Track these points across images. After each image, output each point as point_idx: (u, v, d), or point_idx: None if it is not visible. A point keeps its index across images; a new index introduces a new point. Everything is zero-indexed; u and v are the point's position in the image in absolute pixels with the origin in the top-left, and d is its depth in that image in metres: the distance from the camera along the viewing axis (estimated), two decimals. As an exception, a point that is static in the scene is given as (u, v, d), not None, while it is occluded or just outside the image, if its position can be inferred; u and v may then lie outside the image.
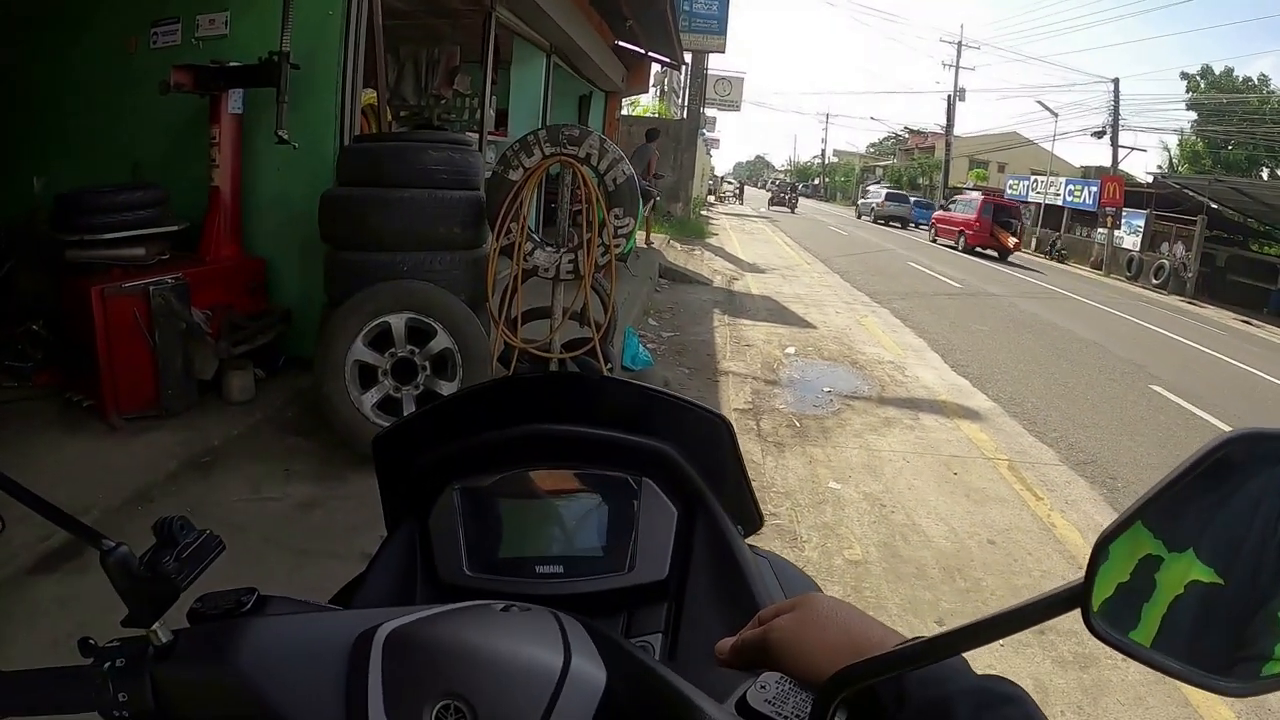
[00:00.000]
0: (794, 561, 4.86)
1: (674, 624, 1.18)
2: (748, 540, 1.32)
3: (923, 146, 70.29)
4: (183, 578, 0.79)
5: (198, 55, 5.83)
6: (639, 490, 1.22)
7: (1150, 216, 31.00)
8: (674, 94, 39.70)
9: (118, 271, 4.98)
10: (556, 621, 0.78)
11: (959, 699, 0.67)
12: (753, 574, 1.19)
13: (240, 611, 0.82)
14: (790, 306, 13.89)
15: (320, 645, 0.78)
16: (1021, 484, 6.52)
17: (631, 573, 1.18)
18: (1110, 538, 0.57)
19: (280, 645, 0.78)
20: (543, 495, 1.24)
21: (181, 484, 4.43)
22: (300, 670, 0.76)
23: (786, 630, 0.79)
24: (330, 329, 4.85)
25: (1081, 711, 3.74)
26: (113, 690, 0.76)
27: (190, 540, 0.81)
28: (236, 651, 0.76)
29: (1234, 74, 42.78)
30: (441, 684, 0.71)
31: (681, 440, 1.27)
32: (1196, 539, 0.57)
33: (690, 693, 0.75)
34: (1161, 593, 0.57)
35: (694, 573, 1.20)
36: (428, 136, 5.96)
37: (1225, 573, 0.56)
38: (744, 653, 0.82)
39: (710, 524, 1.24)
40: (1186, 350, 15.65)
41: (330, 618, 0.84)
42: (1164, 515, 0.57)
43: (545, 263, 5.39)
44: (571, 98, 16.93)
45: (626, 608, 1.20)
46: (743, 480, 1.35)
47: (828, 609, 0.81)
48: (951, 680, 0.70)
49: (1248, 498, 0.56)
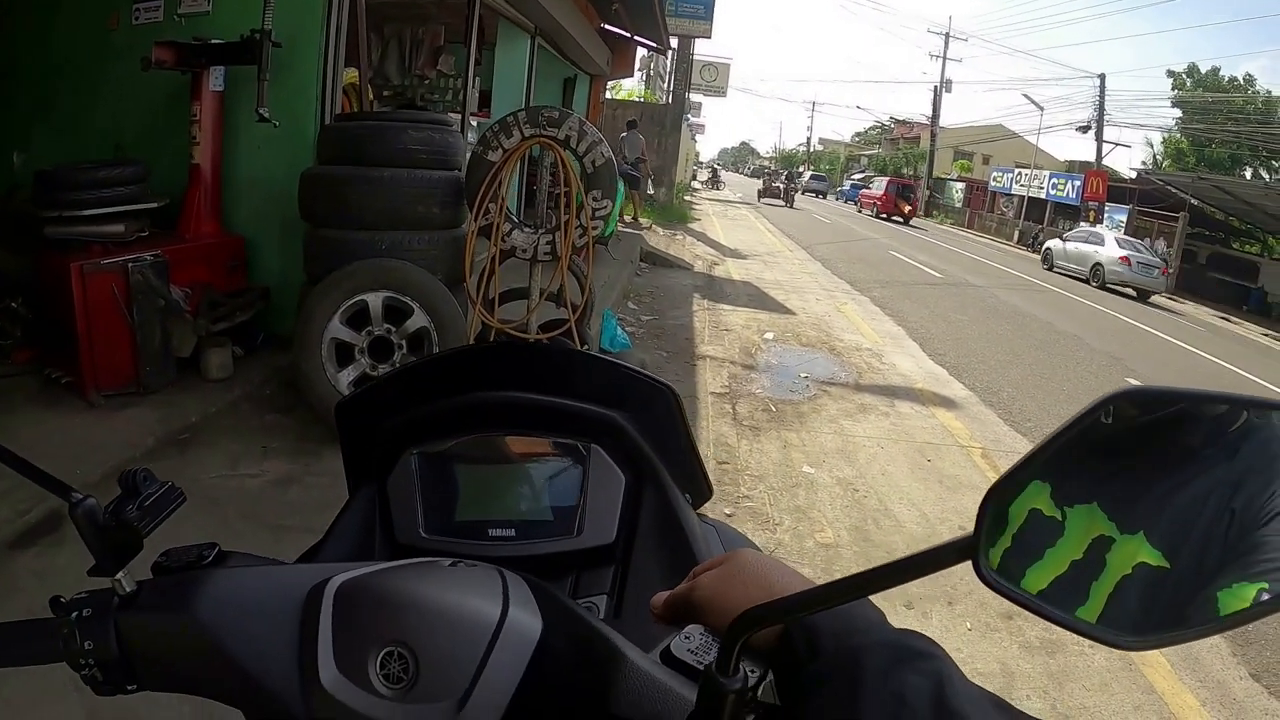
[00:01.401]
0: (766, 543, 4.88)
1: (619, 586, 1.21)
2: (697, 511, 1.35)
3: (908, 137, 70.26)
4: (144, 525, 0.82)
5: (180, 32, 5.82)
6: (588, 457, 1.24)
7: (1133, 212, 31.21)
8: (659, 79, 39.56)
9: (97, 248, 4.96)
10: (500, 576, 0.81)
11: (871, 651, 0.67)
12: (697, 539, 1.22)
13: (201, 564, 0.85)
14: (770, 292, 13.90)
15: (276, 597, 0.80)
16: (995, 472, 6.49)
17: (580, 536, 1.21)
18: (999, 490, 0.59)
19: (238, 596, 0.81)
20: (498, 461, 1.27)
21: (159, 460, 4.42)
22: (256, 620, 0.79)
23: (710, 585, 0.82)
24: (308, 307, 4.85)
25: (1047, 696, 3.78)
26: (79, 639, 0.79)
27: (153, 491, 0.84)
28: (196, 601, 0.79)
29: (1220, 73, 42.91)
30: (386, 632, 0.74)
31: (631, 409, 1.30)
32: (1149, 523, 0.59)
33: (619, 642, 0.79)
34: (1110, 572, 0.59)
35: (641, 538, 1.23)
36: (408, 116, 5.96)
37: (1172, 556, 0.59)
38: (674, 607, 0.84)
39: (658, 491, 1.26)
40: (1164, 345, 15.78)
41: (286, 571, 0.87)
42: (1053, 469, 0.59)
43: (523, 244, 5.39)
44: (556, 80, 16.87)
45: (575, 570, 1.22)
46: (691, 450, 1.38)
47: (750, 563, 0.83)
48: (865, 633, 0.71)
49: (1202, 487, 0.59)
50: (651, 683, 0.76)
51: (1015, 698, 3.74)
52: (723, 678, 0.69)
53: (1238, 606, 0.55)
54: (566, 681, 0.78)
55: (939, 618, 4.26)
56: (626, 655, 0.77)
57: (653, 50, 22.66)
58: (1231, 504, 0.58)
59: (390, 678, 0.74)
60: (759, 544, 4.58)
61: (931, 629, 4.14)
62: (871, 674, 0.64)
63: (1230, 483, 0.59)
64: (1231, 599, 0.56)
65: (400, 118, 5.87)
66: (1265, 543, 0.57)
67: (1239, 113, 40.35)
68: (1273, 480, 0.59)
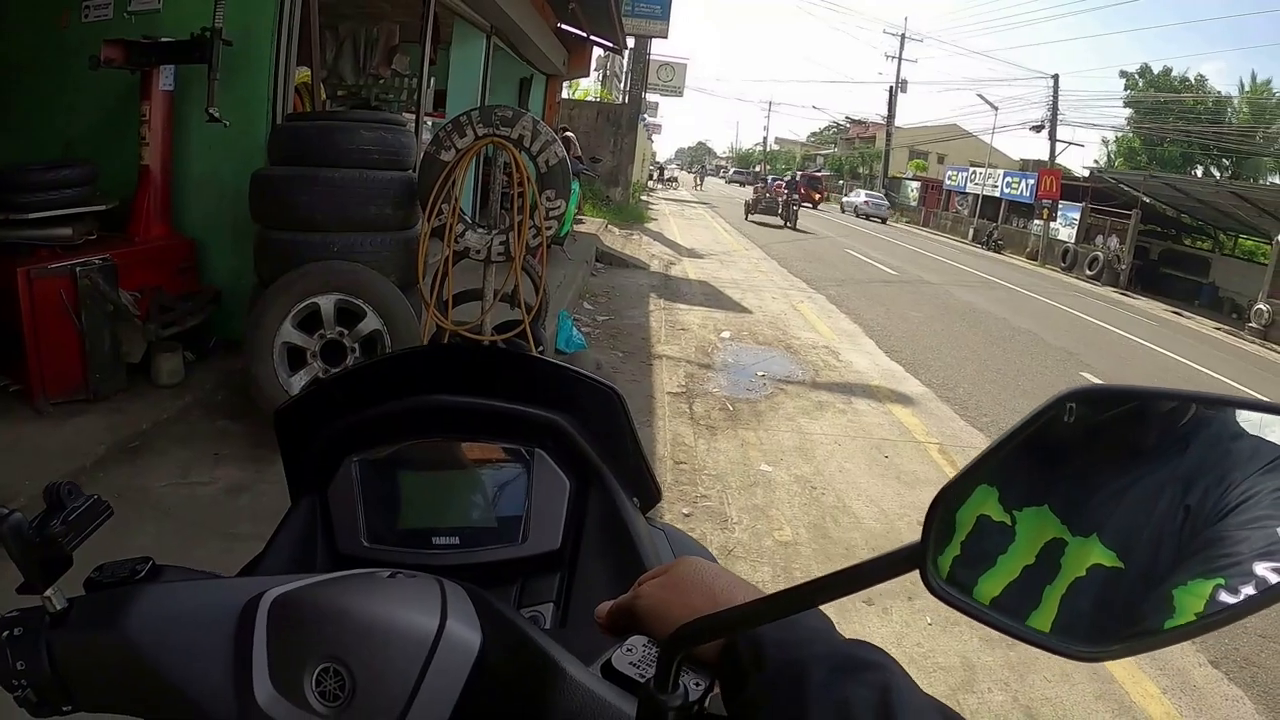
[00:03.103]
0: (725, 543, 4.89)
1: (565, 593, 1.20)
2: (647, 514, 1.34)
3: (864, 136, 70.85)
4: (70, 540, 0.80)
5: (130, 30, 5.72)
6: (532, 461, 1.23)
7: (1086, 209, 31.60)
8: (616, 78, 39.57)
9: (44, 252, 4.87)
10: (439, 587, 0.79)
11: (815, 663, 0.66)
12: (645, 545, 1.21)
13: (134, 579, 0.83)
14: (726, 291, 13.96)
15: (209, 612, 0.79)
16: (952, 467, 6.61)
17: (525, 543, 1.20)
18: (946, 496, 0.58)
19: (171, 612, 0.79)
20: (441, 467, 1.25)
21: (109, 469, 4.37)
22: (190, 636, 0.77)
23: (652, 595, 0.81)
24: (258, 310, 4.79)
25: (1009, 688, 3.81)
26: (10, 659, 0.77)
27: (78, 505, 0.82)
28: (128, 618, 0.77)
29: (1171, 74, 43.64)
30: (322, 647, 0.73)
31: (575, 411, 1.28)
32: (1101, 523, 0.59)
33: (559, 655, 0.77)
34: (1064, 575, 0.58)
35: (586, 543, 1.22)
36: (360, 116, 5.91)
37: (1126, 556, 0.58)
38: (617, 617, 0.83)
39: (604, 496, 1.25)
40: (1118, 339, 15.99)
41: (220, 585, 0.85)
42: (1000, 472, 0.58)
43: (477, 244, 5.37)
44: (512, 80, 16.81)
45: (521, 578, 1.21)
46: (637, 452, 1.36)
47: (693, 572, 0.81)
48: (810, 644, 0.69)
49: (1154, 484, 0.58)
50: (590, 698, 0.75)
51: (977, 691, 3.78)
52: (661, 695, 0.68)
53: (1194, 605, 0.54)
54: (505, 696, 0.76)
55: (899, 613, 4.28)
56: (566, 669, 0.76)
57: (609, 50, 22.63)
58: (1185, 500, 0.58)
59: (326, 695, 0.72)
60: (717, 543, 4.56)
61: (892, 624, 4.18)
62: (817, 686, 0.64)
63: (1181, 478, 0.58)
64: (1187, 597, 0.55)
65: (352, 117, 5.82)
66: (1220, 538, 0.56)
67: (1190, 112, 41.07)
68: (1225, 475, 0.58)
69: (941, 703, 0.64)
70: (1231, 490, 0.57)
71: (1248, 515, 0.56)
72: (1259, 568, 0.54)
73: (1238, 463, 0.58)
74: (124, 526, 0.72)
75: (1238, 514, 0.57)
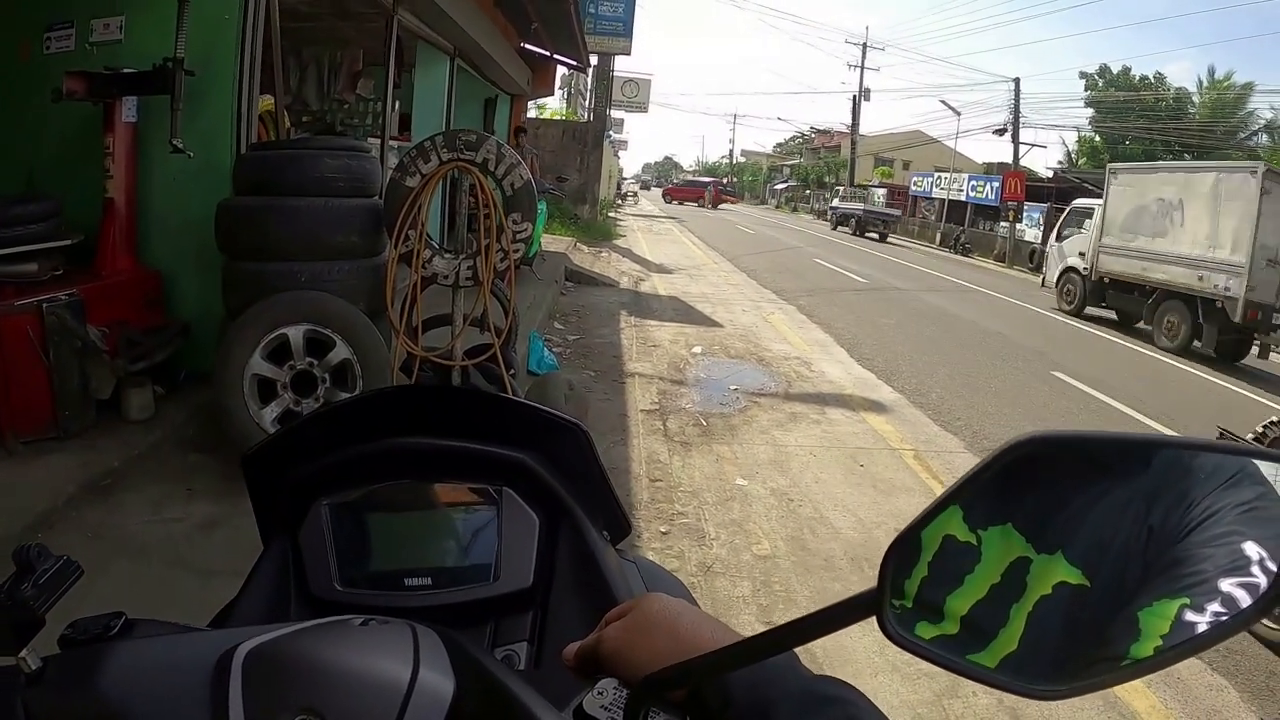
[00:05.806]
0: (703, 559, 4.88)
1: (539, 632, 1.20)
2: (619, 546, 1.35)
3: (829, 146, 71.24)
4: (40, 603, 0.80)
5: (92, 61, 5.67)
6: (501, 500, 1.24)
7: (1050, 209, 31.81)
8: (580, 96, 39.63)
9: (9, 289, 4.81)
10: (411, 634, 0.80)
11: (782, 701, 0.68)
12: (616, 579, 1.21)
13: (108, 636, 0.82)
14: (697, 306, 14.00)
15: (184, 666, 0.78)
16: (928, 472, 6.67)
17: (496, 583, 1.20)
18: (899, 546, 0.60)
19: (145, 668, 0.79)
20: (411, 508, 1.26)
21: (81, 508, 4.32)
22: (165, 692, 0.77)
23: (616, 637, 0.81)
24: (227, 342, 4.76)
25: (993, 690, 3.81)
26: None
27: (48, 567, 0.82)
28: (102, 676, 0.77)
29: (1131, 73, 44.14)
30: (297, 699, 0.72)
31: (541, 448, 1.29)
32: (1065, 541, 0.58)
33: (531, 701, 0.77)
34: (1030, 594, 0.58)
35: (558, 580, 1.23)
36: (324, 143, 5.90)
37: (1092, 573, 0.58)
38: (583, 660, 0.83)
39: (573, 532, 1.26)
40: (1087, 337, 16.14)
41: (194, 638, 0.85)
42: (964, 492, 0.59)
43: (444, 269, 5.35)
44: (476, 101, 16.81)
45: (494, 617, 1.21)
46: (606, 486, 1.37)
47: (656, 612, 0.82)
48: (777, 683, 0.71)
49: (1116, 502, 0.58)
50: None
51: (962, 695, 3.81)
52: None
53: (1159, 627, 0.55)
54: None
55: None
56: (539, 716, 0.76)
57: (573, 68, 22.69)
58: (1149, 520, 0.58)
59: None
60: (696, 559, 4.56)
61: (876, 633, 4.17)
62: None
63: (1145, 495, 0.59)
64: (1153, 618, 0.56)
65: (316, 145, 5.81)
66: (1185, 557, 0.57)
67: (1150, 110, 41.50)
68: (1186, 493, 0.58)
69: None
70: (1193, 508, 0.58)
71: (1211, 532, 0.57)
72: (1224, 584, 0.55)
73: (1198, 480, 0.59)
74: (99, 565, 0.71)
75: (1200, 531, 0.57)
